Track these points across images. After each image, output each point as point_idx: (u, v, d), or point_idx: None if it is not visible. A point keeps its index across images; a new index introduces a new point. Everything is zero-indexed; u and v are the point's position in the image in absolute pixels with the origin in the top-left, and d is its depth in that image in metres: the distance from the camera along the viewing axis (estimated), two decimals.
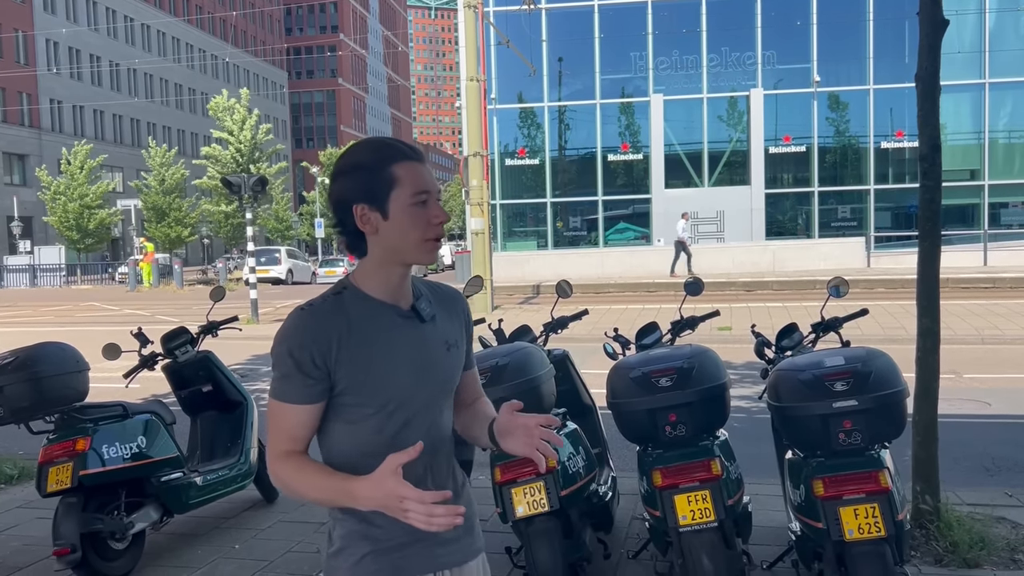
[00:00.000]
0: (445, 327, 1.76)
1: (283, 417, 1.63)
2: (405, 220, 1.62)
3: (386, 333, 1.66)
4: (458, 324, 1.81)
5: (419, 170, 1.64)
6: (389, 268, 1.67)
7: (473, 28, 17.89)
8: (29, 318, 20.09)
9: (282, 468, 1.63)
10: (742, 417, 6.36)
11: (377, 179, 1.62)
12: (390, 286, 1.68)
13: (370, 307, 1.67)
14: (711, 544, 3.18)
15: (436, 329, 1.73)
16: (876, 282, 18.87)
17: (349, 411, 1.65)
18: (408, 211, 1.62)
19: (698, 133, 26.71)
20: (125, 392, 5.00)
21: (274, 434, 1.66)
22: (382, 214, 1.62)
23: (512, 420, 1.69)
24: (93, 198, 40.68)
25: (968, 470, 5.57)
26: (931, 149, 4.17)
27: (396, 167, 1.62)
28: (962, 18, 23.57)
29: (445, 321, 1.77)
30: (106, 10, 58.64)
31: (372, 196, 1.62)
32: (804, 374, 3.06)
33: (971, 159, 26.06)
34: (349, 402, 1.64)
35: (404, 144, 1.68)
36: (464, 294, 4.60)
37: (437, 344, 1.73)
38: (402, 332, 1.68)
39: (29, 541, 4.64)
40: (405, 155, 1.64)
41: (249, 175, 17.83)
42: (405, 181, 1.62)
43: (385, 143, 1.67)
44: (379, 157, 1.64)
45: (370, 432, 1.66)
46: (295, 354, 1.60)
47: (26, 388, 4.00)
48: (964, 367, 8.90)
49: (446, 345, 1.75)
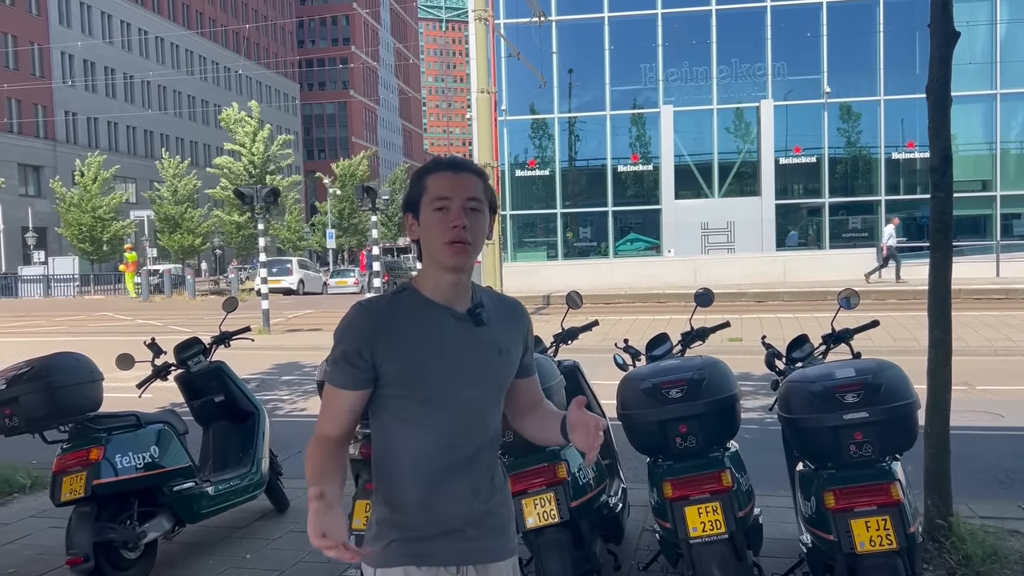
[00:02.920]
0: (500, 333, 1.85)
1: (331, 399, 1.79)
2: (428, 225, 1.76)
3: (437, 332, 1.77)
4: (515, 332, 1.90)
5: (445, 178, 1.76)
6: (436, 272, 1.79)
7: (484, 40, 17.97)
8: (43, 328, 20.22)
9: (312, 446, 1.79)
10: (752, 428, 6.34)
11: (415, 189, 1.80)
12: (442, 290, 1.79)
13: (425, 308, 1.79)
14: (722, 556, 3.18)
15: (490, 333, 1.82)
16: (887, 293, 18.78)
17: (395, 403, 1.78)
18: (431, 216, 1.76)
19: (708, 144, 26.70)
20: (138, 402, 5.02)
21: (322, 414, 1.81)
22: (418, 221, 1.79)
23: (580, 416, 1.78)
24: (106, 210, 40.95)
25: (981, 482, 5.53)
26: (942, 160, 4.17)
27: (429, 177, 1.78)
28: (973, 29, 23.50)
29: (502, 328, 1.86)
30: (120, 23, 59.21)
31: (411, 205, 1.80)
32: (815, 386, 3.06)
33: (983, 170, 25.94)
34: (396, 394, 1.77)
35: (449, 158, 1.82)
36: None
37: (489, 347, 1.82)
38: (453, 333, 1.79)
39: (42, 550, 4.67)
40: (439, 166, 1.79)
41: (262, 186, 17.92)
42: (431, 189, 1.76)
43: (433, 159, 1.82)
44: (421, 171, 1.82)
45: (415, 428, 1.77)
46: (345, 344, 1.76)
47: (41, 398, 4.03)
48: (976, 379, 8.84)
49: (499, 350, 1.83)
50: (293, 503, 5.32)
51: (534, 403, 1.99)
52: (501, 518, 1.88)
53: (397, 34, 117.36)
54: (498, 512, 1.87)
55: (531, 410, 1.98)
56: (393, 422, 1.80)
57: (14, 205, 44.98)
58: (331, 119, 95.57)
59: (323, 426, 1.80)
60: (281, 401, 9.42)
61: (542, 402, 2.00)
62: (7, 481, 5.91)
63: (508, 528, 1.90)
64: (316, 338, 15.64)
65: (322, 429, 1.80)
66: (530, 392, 1.99)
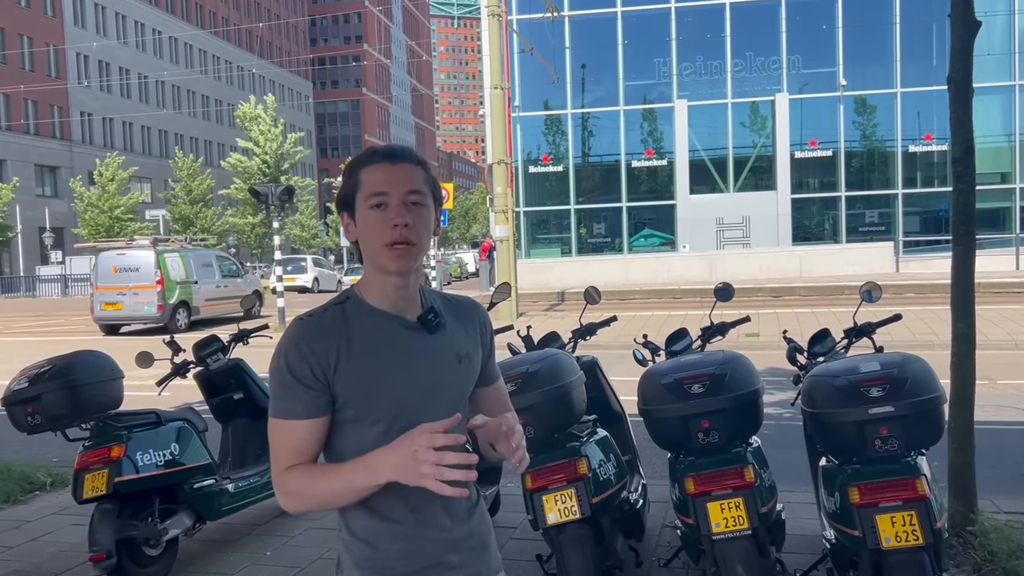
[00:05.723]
0: (457, 339, 1.66)
1: (287, 435, 1.54)
2: (366, 225, 1.56)
3: (389, 345, 1.58)
4: (474, 336, 1.71)
5: (381, 171, 1.56)
6: (381, 277, 1.59)
7: (497, 36, 17.94)
8: (61, 327, 20.39)
9: (290, 478, 1.54)
10: (771, 424, 6.29)
11: (348, 185, 1.59)
12: (389, 296, 1.60)
13: (372, 318, 1.59)
14: (745, 552, 3.15)
15: (446, 341, 1.64)
16: (906, 287, 18.64)
17: (352, 426, 1.57)
18: (367, 215, 1.55)
19: (723, 138, 26.58)
20: (158, 400, 5.05)
21: (277, 455, 1.56)
22: (354, 221, 1.59)
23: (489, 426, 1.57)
24: (124, 210, 41.26)
25: (1005, 477, 5.47)
26: (964, 152, 4.11)
27: (363, 171, 1.57)
28: (992, 19, 23.25)
29: (458, 333, 1.67)
30: (135, 23, 59.56)
31: (346, 203, 1.60)
32: (839, 380, 3.02)
33: (1002, 162, 25.69)
34: (351, 417, 1.56)
35: (385, 147, 1.62)
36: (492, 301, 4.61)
37: (447, 356, 1.63)
38: (406, 344, 1.60)
39: (65, 547, 4.70)
40: (374, 157, 1.58)
41: (276, 185, 17.98)
42: (366, 184, 1.56)
43: (368, 150, 1.62)
44: (354, 164, 1.61)
45: (375, 447, 1.51)
46: (295, 368, 1.53)
47: (63, 396, 4.05)
48: (998, 373, 8.76)
49: (457, 357, 1.65)
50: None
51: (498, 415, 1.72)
52: (481, 536, 1.69)
53: (409, 31, 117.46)
54: (477, 531, 1.68)
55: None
56: (348, 451, 1.56)
57: (31, 205, 45.36)
58: (344, 117, 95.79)
59: (284, 462, 1.55)
60: None
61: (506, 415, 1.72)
62: (29, 479, 5.95)
63: (489, 544, 1.71)
64: None
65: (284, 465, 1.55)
66: (496, 401, 1.76)
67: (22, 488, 5.85)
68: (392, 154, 1.58)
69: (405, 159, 1.58)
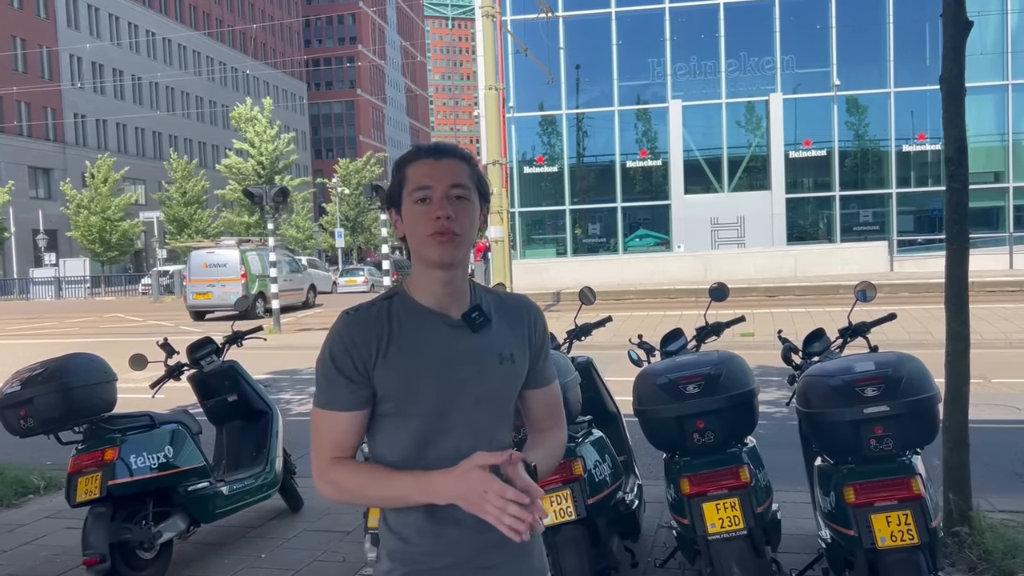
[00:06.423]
0: (501, 339, 1.65)
1: (329, 425, 1.60)
2: (411, 218, 1.60)
3: (429, 342, 1.60)
4: (520, 336, 1.69)
5: (426, 166, 1.60)
6: (427, 272, 1.62)
7: (491, 37, 17.94)
8: (55, 330, 20.33)
9: (338, 473, 1.58)
10: (767, 424, 6.30)
11: (395, 183, 1.64)
12: (435, 292, 1.62)
13: (417, 315, 1.62)
14: (740, 552, 3.15)
15: (489, 340, 1.64)
16: (900, 286, 18.68)
17: (390, 420, 1.61)
18: (411, 209, 1.60)
19: (717, 138, 26.61)
20: (152, 402, 5.03)
21: (320, 444, 1.61)
22: (401, 217, 1.63)
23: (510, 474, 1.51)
24: (116, 211, 41.15)
25: (1000, 476, 5.48)
26: (957, 151, 4.12)
27: (409, 167, 1.62)
28: (984, 19, 23.33)
29: (504, 332, 1.66)
30: (128, 25, 59.39)
31: (393, 200, 1.64)
32: (834, 380, 3.02)
33: (995, 161, 25.77)
34: (389, 411, 1.60)
35: (431, 144, 1.66)
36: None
37: (488, 356, 1.63)
38: (447, 341, 1.61)
39: (58, 551, 4.68)
40: (420, 154, 1.63)
41: (271, 186, 17.96)
42: (411, 179, 1.60)
43: (414, 147, 1.67)
44: (401, 161, 1.65)
45: (410, 444, 1.59)
46: (338, 360, 1.57)
47: (56, 399, 4.03)
48: (992, 371, 8.78)
49: (499, 357, 1.64)
50: (307, 502, 5.32)
51: (542, 424, 1.74)
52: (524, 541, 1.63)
53: (404, 32, 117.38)
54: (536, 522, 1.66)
55: (537, 432, 1.74)
56: (387, 444, 1.61)
57: (25, 208, 45.18)
58: (339, 118, 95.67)
59: (327, 454, 1.60)
60: (294, 400, 9.42)
61: (551, 430, 1.74)
62: (22, 482, 5.93)
63: (531, 550, 1.69)
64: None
65: (327, 457, 1.60)
66: (543, 406, 1.74)
67: (15, 492, 5.83)
68: (437, 150, 1.63)
69: (449, 155, 1.62)
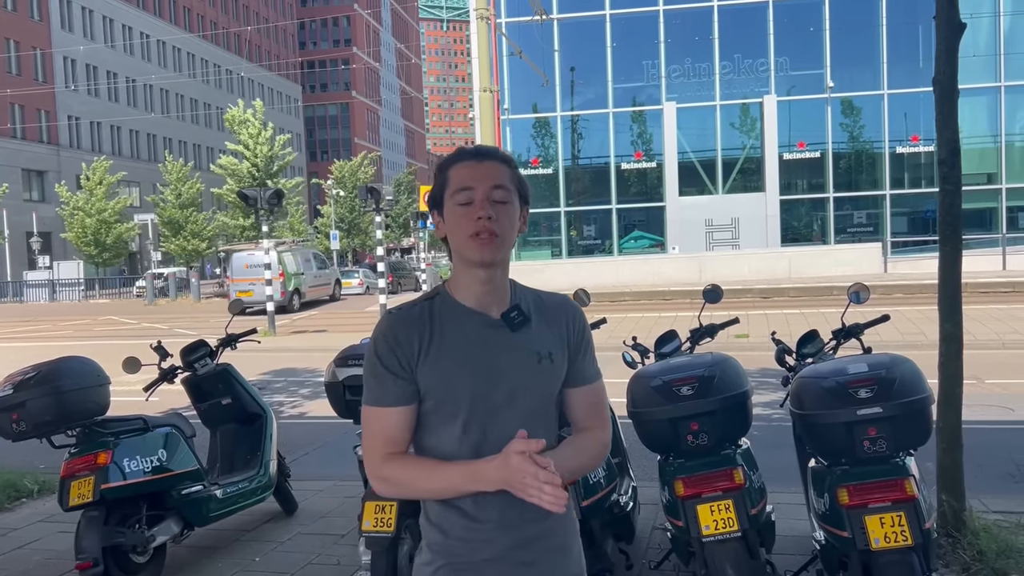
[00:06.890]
0: (540, 338, 1.68)
1: (380, 422, 1.64)
2: (452, 219, 1.64)
3: (469, 341, 1.64)
4: (559, 335, 1.71)
5: (468, 168, 1.64)
6: (468, 271, 1.66)
7: (486, 39, 17.96)
8: (48, 332, 20.26)
9: (390, 469, 1.63)
10: (761, 425, 6.30)
11: (437, 184, 1.68)
12: (476, 292, 1.66)
13: (457, 314, 1.66)
14: (735, 554, 3.15)
15: (528, 339, 1.67)
16: (894, 287, 18.73)
17: (432, 417, 1.65)
18: (453, 210, 1.63)
19: (711, 140, 26.67)
20: (145, 405, 5.02)
21: (372, 441, 1.66)
22: (443, 218, 1.67)
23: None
24: (111, 213, 41.05)
25: (993, 477, 5.50)
26: (950, 153, 4.13)
27: (451, 169, 1.66)
28: (977, 21, 23.45)
29: (543, 331, 1.69)
30: (122, 27, 59.28)
31: (436, 201, 1.68)
32: (827, 381, 3.02)
33: (988, 163, 25.88)
34: (431, 408, 1.64)
35: (474, 146, 1.72)
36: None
37: (526, 355, 1.66)
38: (487, 340, 1.64)
39: (51, 555, 4.66)
40: (462, 156, 1.67)
41: (265, 188, 17.93)
42: (453, 180, 1.64)
43: (456, 149, 1.70)
44: (444, 162, 1.69)
45: (451, 441, 1.64)
46: (384, 358, 1.63)
47: (48, 402, 4.01)
48: (985, 372, 8.80)
49: (537, 357, 1.66)
50: (301, 505, 5.31)
51: (582, 423, 1.75)
52: (560, 537, 1.71)
53: (398, 34, 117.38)
54: (556, 532, 1.69)
55: (577, 430, 1.76)
56: (428, 440, 1.66)
57: (18, 210, 45.02)
58: (333, 120, 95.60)
59: (380, 450, 1.64)
60: (288, 403, 9.41)
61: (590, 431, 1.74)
62: (14, 486, 5.90)
63: (570, 548, 1.73)
64: (321, 339, 15.64)
65: (380, 453, 1.64)
66: (584, 405, 1.75)
67: (8, 495, 5.81)
68: (479, 152, 1.68)
69: (491, 157, 1.66)
